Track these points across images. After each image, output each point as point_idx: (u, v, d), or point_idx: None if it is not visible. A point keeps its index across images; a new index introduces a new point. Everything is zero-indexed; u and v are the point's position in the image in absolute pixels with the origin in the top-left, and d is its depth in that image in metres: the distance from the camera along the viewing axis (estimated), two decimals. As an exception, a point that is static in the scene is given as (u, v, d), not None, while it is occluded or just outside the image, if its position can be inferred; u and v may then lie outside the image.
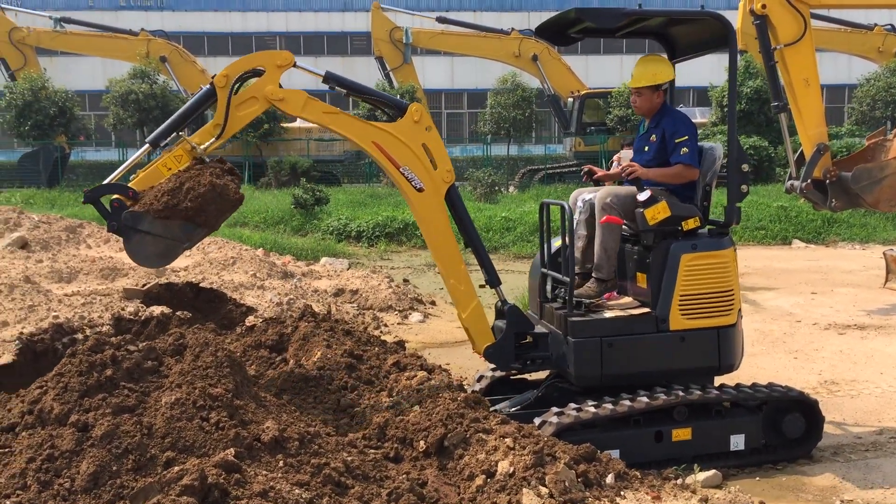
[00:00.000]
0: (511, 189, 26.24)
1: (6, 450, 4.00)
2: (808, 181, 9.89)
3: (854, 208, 10.98)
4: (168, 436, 3.93)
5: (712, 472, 5.05)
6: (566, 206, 5.47)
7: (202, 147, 5.04)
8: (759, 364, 7.75)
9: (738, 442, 5.38)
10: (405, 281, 12.54)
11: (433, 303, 11.02)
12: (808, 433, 5.56)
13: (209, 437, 3.95)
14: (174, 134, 5.09)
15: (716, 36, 5.69)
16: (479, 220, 17.06)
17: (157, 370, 4.40)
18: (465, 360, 7.73)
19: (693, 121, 5.74)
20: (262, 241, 15.66)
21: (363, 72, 34.92)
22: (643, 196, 5.39)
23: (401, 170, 5.34)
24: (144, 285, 9.13)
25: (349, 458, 4.24)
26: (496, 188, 22.63)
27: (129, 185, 4.94)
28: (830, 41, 21.60)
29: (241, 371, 4.54)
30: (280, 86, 5.20)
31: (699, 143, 5.65)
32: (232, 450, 3.84)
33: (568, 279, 5.42)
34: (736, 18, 9.54)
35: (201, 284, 7.26)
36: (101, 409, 4.02)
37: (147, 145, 5.09)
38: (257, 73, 5.17)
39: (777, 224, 17.42)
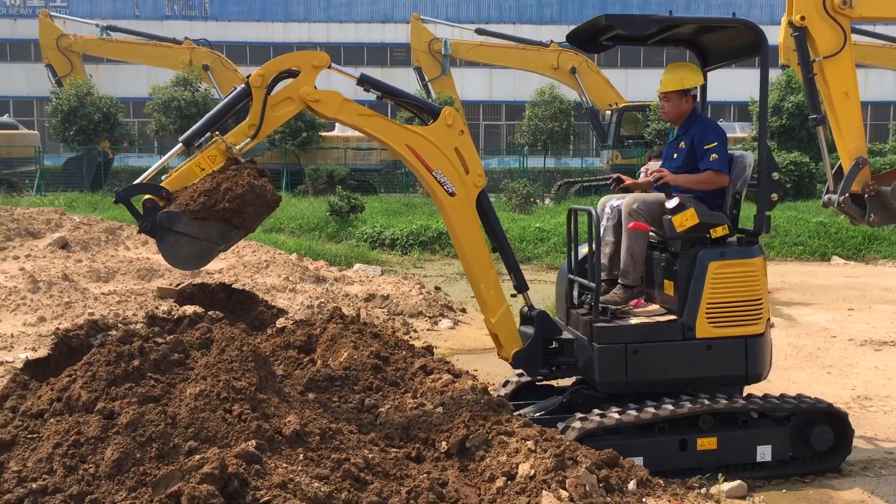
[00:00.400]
0: (547, 201, 26.17)
1: (34, 435, 4.09)
2: (846, 195, 9.71)
3: (894, 224, 10.76)
4: (191, 426, 3.98)
5: (737, 482, 4.99)
6: (593, 213, 5.44)
7: (237, 147, 4.98)
8: (792, 378, 7.65)
9: (764, 453, 5.31)
10: (436, 288, 12.57)
11: (464, 310, 11.03)
12: (837, 446, 5.46)
13: (231, 428, 4.00)
14: (208, 134, 5.04)
15: (747, 44, 5.66)
16: (513, 231, 17.04)
17: (183, 362, 4.46)
18: (493, 366, 7.72)
19: (732, 135, 5.69)
20: (296, 247, 15.79)
21: (402, 82, 34.97)
22: (671, 203, 5.36)
23: (433, 173, 5.30)
24: (178, 285, 9.26)
25: (370, 455, 4.27)
26: (531, 199, 22.59)
27: (162, 184, 4.88)
28: (875, 57, 21.27)
29: (265, 366, 4.59)
30: (315, 87, 5.21)
31: (730, 152, 5.61)
32: (253, 441, 3.89)
33: (594, 285, 5.40)
34: (768, 30, 9.43)
35: (234, 286, 7.34)
36: (128, 398, 4.10)
37: (180, 145, 5.06)
38: (293, 73, 5.12)
39: (816, 240, 17.12)
